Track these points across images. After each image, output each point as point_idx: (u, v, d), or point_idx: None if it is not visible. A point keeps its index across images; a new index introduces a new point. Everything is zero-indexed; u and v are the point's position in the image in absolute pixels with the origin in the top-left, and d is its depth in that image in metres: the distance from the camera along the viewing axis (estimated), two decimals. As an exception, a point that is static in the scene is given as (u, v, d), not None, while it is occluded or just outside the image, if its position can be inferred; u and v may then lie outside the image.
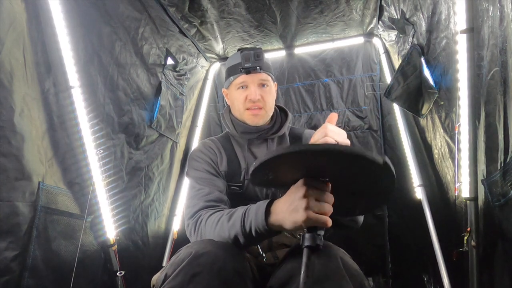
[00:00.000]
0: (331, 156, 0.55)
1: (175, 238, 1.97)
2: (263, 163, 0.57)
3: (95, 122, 1.27)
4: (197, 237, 0.90)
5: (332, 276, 0.70)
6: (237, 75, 1.08)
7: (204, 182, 1.01)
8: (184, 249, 0.77)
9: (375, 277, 2.05)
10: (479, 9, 1.01)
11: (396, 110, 1.99)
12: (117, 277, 1.36)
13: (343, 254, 0.79)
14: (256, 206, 0.77)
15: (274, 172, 0.63)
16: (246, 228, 0.77)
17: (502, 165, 0.91)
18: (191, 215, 0.95)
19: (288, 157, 0.55)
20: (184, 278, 0.69)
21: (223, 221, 0.83)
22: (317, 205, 0.63)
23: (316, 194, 0.63)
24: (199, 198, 0.97)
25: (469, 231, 1.19)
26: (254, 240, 0.79)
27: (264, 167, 0.59)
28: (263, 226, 0.73)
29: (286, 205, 0.68)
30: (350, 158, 0.53)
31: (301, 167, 0.63)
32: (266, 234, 0.76)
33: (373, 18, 1.86)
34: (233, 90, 1.11)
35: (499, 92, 0.91)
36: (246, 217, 0.78)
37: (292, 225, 0.67)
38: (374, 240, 2.10)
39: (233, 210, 0.85)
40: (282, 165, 0.61)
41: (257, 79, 1.07)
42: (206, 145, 1.13)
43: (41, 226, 1.04)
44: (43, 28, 1.10)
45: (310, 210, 0.62)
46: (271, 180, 0.67)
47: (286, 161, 0.58)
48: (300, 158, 0.57)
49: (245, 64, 1.05)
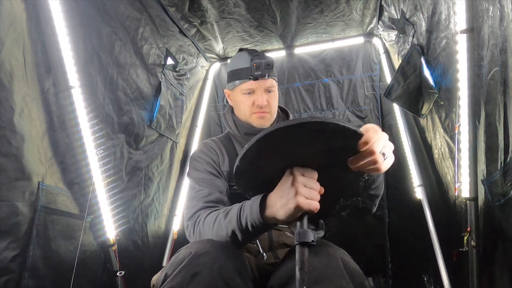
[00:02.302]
0: (311, 131, 0.56)
1: (175, 238, 1.96)
2: (248, 152, 0.58)
3: (95, 122, 1.27)
4: (196, 237, 0.91)
5: (332, 276, 0.70)
6: (245, 80, 1.08)
7: (204, 183, 1.01)
8: (184, 249, 0.78)
9: (375, 277, 2.05)
10: (479, 9, 1.01)
11: (396, 110, 1.99)
12: (117, 277, 1.36)
13: (343, 254, 0.79)
14: (250, 201, 0.77)
15: (259, 167, 0.64)
16: (243, 224, 0.77)
17: (502, 165, 0.91)
18: (190, 216, 0.96)
19: (268, 142, 0.56)
20: (184, 277, 0.69)
21: (220, 219, 0.83)
22: (305, 191, 0.64)
23: (304, 181, 0.64)
24: (199, 199, 0.97)
25: (469, 231, 1.19)
26: (252, 235, 0.79)
27: (250, 157, 0.59)
28: (259, 220, 0.73)
29: (278, 196, 0.69)
30: (330, 131, 0.55)
31: (285, 156, 0.64)
32: (262, 228, 0.75)
33: (373, 18, 1.86)
34: (239, 94, 1.11)
35: (499, 92, 0.91)
36: (241, 213, 0.78)
37: (285, 214, 0.66)
38: (374, 240, 2.09)
39: (229, 207, 0.85)
40: (265, 155, 0.61)
41: (265, 86, 1.09)
42: (208, 146, 1.13)
43: (40, 226, 1.04)
44: (43, 28, 1.10)
45: (300, 196, 0.63)
46: (260, 180, 0.67)
47: (267, 148, 0.59)
48: (279, 140, 0.58)
49: (255, 72, 1.06)
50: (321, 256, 0.74)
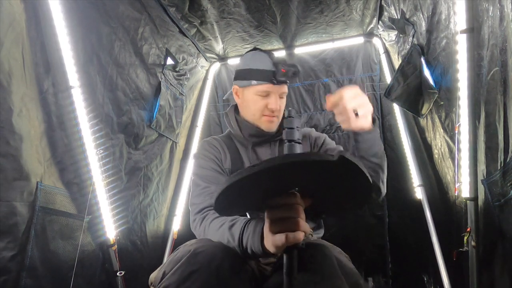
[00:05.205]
0: (286, 169, 0.50)
1: (175, 238, 1.96)
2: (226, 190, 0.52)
3: (94, 122, 1.27)
4: (201, 233, 0.92)
5: (327, 276, 0.70)
6: (264, 82, 1.05)
7: (209, 180, 1.02)
8: (182, 248, 0.78)
9: (375, 277, 2.04)
10: (479, 9, 1.00)
11: (396, 110, 1.98)
12: (117, 277, 1.36)
13: (339, 253, 0.78)
14: (253, 224, 0.74)
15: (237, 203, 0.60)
16: (243, 245, 0.74)
17: (502, 165, 0.91)
18: (199, 210, 0.96)
19: (242, 183, 0.50)
20: (182, 275, 0.69)
21: (224, 229, 0.81)
22: (288, 225, 0.57)
23: (285, 213, 0.58)
24: (206, 195, 0.98)
25: (469, 231, 1.19)
26: (253, 257, 0.76)
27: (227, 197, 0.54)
28: (259, 249, 0.69)
29: (266, 230, 0.63)
30: (304, 165, 0.49)
31: (262, 187, 0.57)
32: (263, 256, 0.72)
33: (373, 18, 1.86)
34: (252, 94, 1.08)
35: (499, 92, 0.90)
36: (244, 234, 0.75)
37: (277, 250, 0.62)
38: (374, 240, 2.09)
39: (235, 219, 0.82)
40: (242, 192, 0.56)
41: (281, 91, 1.08)
42: (210, 143, 1.14)
43: (39, 226, 1.04)
44: (43, 28, 1.10)
45: (285, 231, 0.57)
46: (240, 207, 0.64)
47: (243, 187, 0.53)
48: (252, 181, 0.51)
49: (281, 77, 1.03)
50: (316, 256, 0.74)
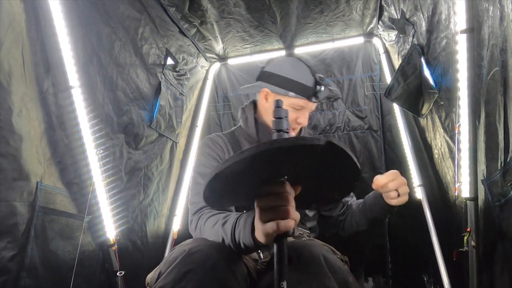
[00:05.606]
0: (274, 153, 0.50)
1: (175, 238, 1.96)
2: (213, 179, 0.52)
3: (94, 122, 1.27)
4: (197, 234, 0.92)
5: (314, 275, 0.70)
6: (302, 98, 1.09)
7: None
8: (178, 248, 0.78)
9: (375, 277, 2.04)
10: (479, 9, 1.00)
11: (396, 110, 1.98)
12: (117, 277, 1.36)
13: (327, 251, 0.78)
14: (244, 218, 0.74)
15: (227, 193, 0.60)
16: (236, 240, 0.74)
17: (502, 165, 0.91)
18: (195, 211, 0.96)
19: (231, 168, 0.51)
20: (177, 275, 0.69)
21: (218, 226, 0.81)
22: (278, 213, 0.57)
23: (275, 201, 0.58)
24: None
25: (469, 231, 1.19)
26: (246, 252, 0.76)
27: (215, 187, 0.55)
28: (250, 242, 0.69)
29: (257, 220, 0.63)
30: (292, 150, 0.50)
31: (252, 176, 0.57)
32: (255, 248, 0.72)
33: (373, 18, 1.86)
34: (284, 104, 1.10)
35: (499, 92, 0.90)
36: (236, 229, 0.75)
37: (268, 240, 0.62)
38: (374, 240, 2.09)
39: (228, 216, 0.82)
40: (231, 180, 0.56)
41: (311, 109, 1.13)
42: (214, 141, 1.13)
43: (39, 226, 1.04)
44: (42, 28, 1.10)
45: (276, 219, 0.57)
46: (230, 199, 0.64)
47: (232, 174, 0.53)
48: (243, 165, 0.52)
49: (322, 98, 1.09)
50: (303, 256, 0.74)
